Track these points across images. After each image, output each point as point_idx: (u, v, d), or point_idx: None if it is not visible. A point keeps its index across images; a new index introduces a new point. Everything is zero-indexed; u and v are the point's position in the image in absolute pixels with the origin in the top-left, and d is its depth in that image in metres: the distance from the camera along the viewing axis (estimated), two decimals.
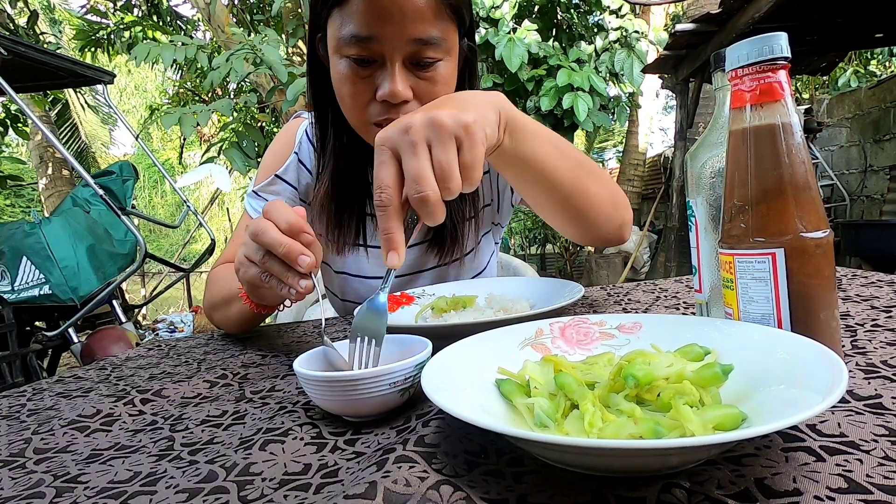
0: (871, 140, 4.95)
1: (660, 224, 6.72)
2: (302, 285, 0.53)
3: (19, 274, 2.75)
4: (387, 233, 0.44)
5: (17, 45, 2.63)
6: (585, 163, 0.70)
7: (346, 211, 0.87)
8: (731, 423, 0.31)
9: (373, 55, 0.69)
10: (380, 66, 0.70)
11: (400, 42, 0.68)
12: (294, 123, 0.97)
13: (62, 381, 0.68)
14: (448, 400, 0.33)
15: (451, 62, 0.74)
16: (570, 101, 4.07)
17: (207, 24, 4.76)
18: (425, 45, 0.69)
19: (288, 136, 0.95)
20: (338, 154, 0.85)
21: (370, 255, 0.95)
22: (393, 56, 0.69)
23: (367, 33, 0.67)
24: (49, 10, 8.57)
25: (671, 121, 7.34)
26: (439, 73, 0.72)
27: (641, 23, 4.86)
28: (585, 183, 0.68)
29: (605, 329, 0.49)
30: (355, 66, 0.71)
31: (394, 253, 0.43)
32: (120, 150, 11.92)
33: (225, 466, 0.37)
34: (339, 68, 0.72)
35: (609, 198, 0.73)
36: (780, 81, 0.41)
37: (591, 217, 0.71)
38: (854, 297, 0.70)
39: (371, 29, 0.67)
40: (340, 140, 0.84)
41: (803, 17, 3.39)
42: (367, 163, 0.89)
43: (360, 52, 0.69)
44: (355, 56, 0.70)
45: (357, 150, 0.85)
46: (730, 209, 0.44)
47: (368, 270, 0.95)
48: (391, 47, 0.68)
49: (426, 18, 0.68)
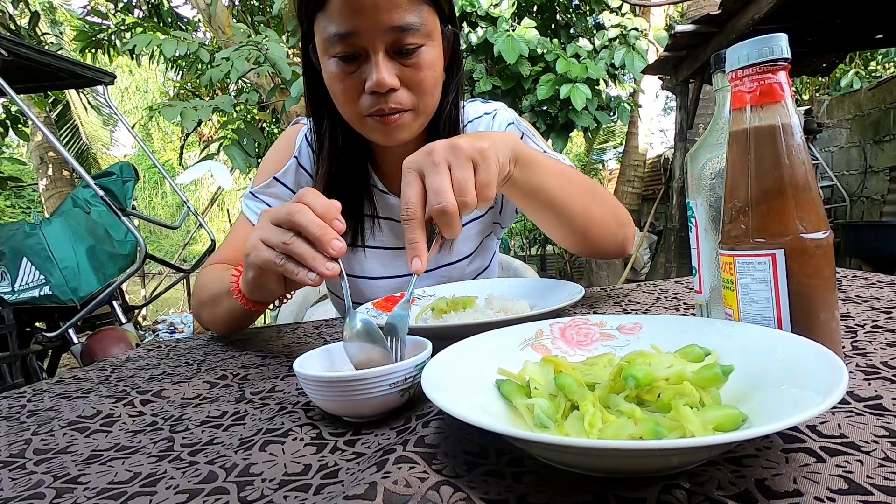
0: (871, 141, 4.95)
1: (660, 225, 6.72)
2: (329, 267, 0.54)
3: (19, 275, 2.75)
4: (412, 242, 0.50)
5: (18, 45, 2.63)
6: (591, 188, 0.76)
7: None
8: (732, 424, 0.31)
9: (356, 50, 0.72)
10: (364, 59, 0.73)
11: (378, 32, 0.71)
12: (294, 129, 0.98)
13: (62, 382, 0.68)
14: (448, 400, 0.33)
15: (435, 47, 0.76)
16: (568, 92, 4.05)
17: (208, 24, 4.76)
18: (404, 32, 0.72)
19: (288, 140, 0.97)
20: (333, 156, 0.87)
21: (368, 255, 0.96)
22: (375, 47, 0.72)
23: (347, 29, 0.71)
24: (50, 10, 8.58)
25: (671, 122, 7.35)
26: (423, 59, 0.75)
27: (641, 21, 4.86)
28: (590, 207, 0.74)
29: (605, 330, 0.49)
30: (342, 63, 0.74)
31: (417, 259, 0.49)
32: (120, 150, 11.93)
33: (225, 467, 0.37)
34: (329, 68, 0.76)
35: (613, 218, 0.78)
36: (781, 82, 0.41)
37: (597, 238, 0.77)
38: (854, 298, 0.70)
39: (350, 24, 0.70)
40: (336, 143, 0.86)
41: (803, 17, 3.39)
42: (363, 164, 0.90)
43: (345, 48, 0.72)
44: (340, 53, 0.73)
45: (352, 151, 0.87)
46: (730, 210, 0.44)
47: (368, 270, 0.96)
48: (371, 38, 0.71)
49: (401, 5, 0.71)
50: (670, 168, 6.07)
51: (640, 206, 7.06)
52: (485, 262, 1.02)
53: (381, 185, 0.93)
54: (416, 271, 0.49)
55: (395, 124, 0.77)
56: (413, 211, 0.50)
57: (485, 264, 1.02)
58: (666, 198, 6.38)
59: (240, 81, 4.59)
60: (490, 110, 0.95)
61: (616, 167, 9.39)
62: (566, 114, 4.33)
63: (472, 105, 0.97)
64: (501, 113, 0.95)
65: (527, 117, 4.49)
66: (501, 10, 4.44)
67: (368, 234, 0.94)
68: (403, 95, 0.75)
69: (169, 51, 3.56)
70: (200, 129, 8.45)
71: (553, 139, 4.55)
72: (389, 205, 0.94)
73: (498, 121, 0.94)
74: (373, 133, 0.79)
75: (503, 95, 4.46)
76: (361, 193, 0.91)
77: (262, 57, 3.17)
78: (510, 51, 4.07)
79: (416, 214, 0.50)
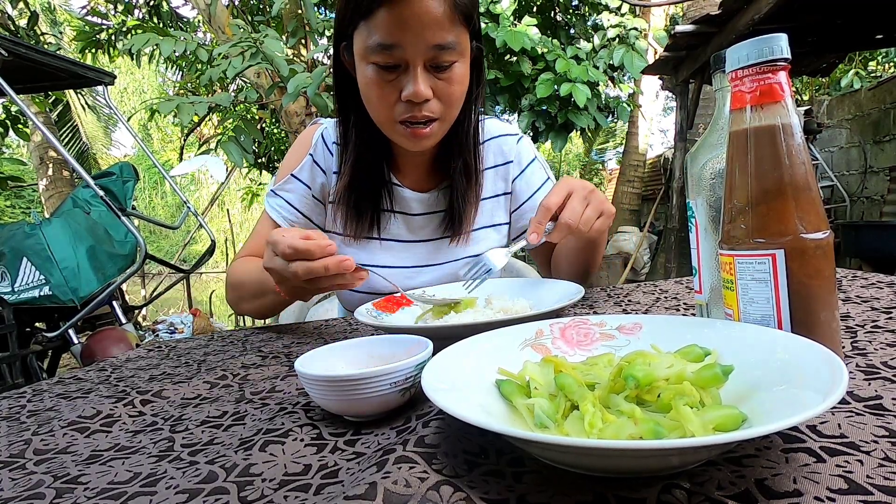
0: (871, 141, 4.95)
1: (660, 225, 6.72)
2: (362, 276, 0.68)
3: (19, 275, 2.75)
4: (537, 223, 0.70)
5: (18, 45, 2.63)
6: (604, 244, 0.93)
7: (363, 202, 0.95)
8: (732, 424, 0.31)
9: (397, 61, 0.77)
10: (403, 70, 0.78)
11: (421, 48, 0.76)
12: (312, 128, 1.04)
13: (62, 383, 0.68)
14: (448, 400, 0.33)
15: (465, 63, 0.83)
16: (568, 90, 4.06)
17: (207, 25, 4.76)
18: (443, 50, 0.77)
19: (305, 139, 1.02)
20: (359, 149, 0.92)
21: (382, 246, 1.00)
22: (415, 61, 0.77)
23: (391, 41, 0.75)
24: (49, 11, 8.57)
25: (671, 122, 7.34)
26: (455, 74, 0.80)
27: (641, 21, 4.86)
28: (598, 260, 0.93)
29: (605, 330, 0.49)
30: (381, 71, 0.78)
31: (535, 234, 0.70)
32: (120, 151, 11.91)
33: (225, 467, 0.37)
34: (367, 73, 0.80)
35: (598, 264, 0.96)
36: (781, 82, 0.41)
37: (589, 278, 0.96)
38: (854, 298, 0.70)
39: (395, 38, 0.75)
40: (362, 137, 0.91)
41: (803, 17, 3.38)
42: (384, 160, 0.96)
43: (386, 59, 0.77)
44: (381, 62, 0.78)
45: (376, 147, 0.92)
46: (730, 210, 0.44)
47: (379, 260, 1.00)
48: (413, 53, 0.76)
49: (443, 26, 0.76)
50: (670, 168, 6.07)
51: (640, 206, 7.06)
52: None
53: (396, 179, 0.98)
54: (531, 242, 0.71)
55: (424, 136, 0.83)
56: (552, 204, 0.70)
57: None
58: (666, 198, 6.38)
59: (239, 80, 4.58)
60: (513, 132, 1.04)
61: (616, 167, 9.39)
62: (565, 113, 4.33)
63: (491, 121, 1.03)
64: (525, 142, 1.04)
65: (526, 115, 4.50)
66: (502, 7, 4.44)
67: (383, 227, 0.99)
68: (434, 105, 0.81)
69: (167, 50, 3.55)
70: (200, 128, 8.43)
71: (552, 139, 4.55)
72: (403, 197, 0.98)
73: (523, 148, 1.03)
74: (401, 138, 0.85)
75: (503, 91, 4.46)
76: (380, 188, 0.96)
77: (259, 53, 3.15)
78: (514, 41, 4.07)
79: (549, 212, 0.70)
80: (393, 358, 0.50)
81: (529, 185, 1.01)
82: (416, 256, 0.99)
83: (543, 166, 1.04)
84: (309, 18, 3.64)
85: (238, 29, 3.40)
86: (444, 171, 0.97)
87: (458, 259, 1.00)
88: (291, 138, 4.29)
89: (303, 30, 3.87)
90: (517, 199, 1.02)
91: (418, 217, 0.99)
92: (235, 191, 12.16)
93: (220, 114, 4.62)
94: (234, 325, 6.21)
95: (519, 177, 1.01)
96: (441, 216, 0.98)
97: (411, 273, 0.99)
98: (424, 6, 0.74)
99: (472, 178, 0.95)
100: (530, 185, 1.01)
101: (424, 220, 0.99)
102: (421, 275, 0.99)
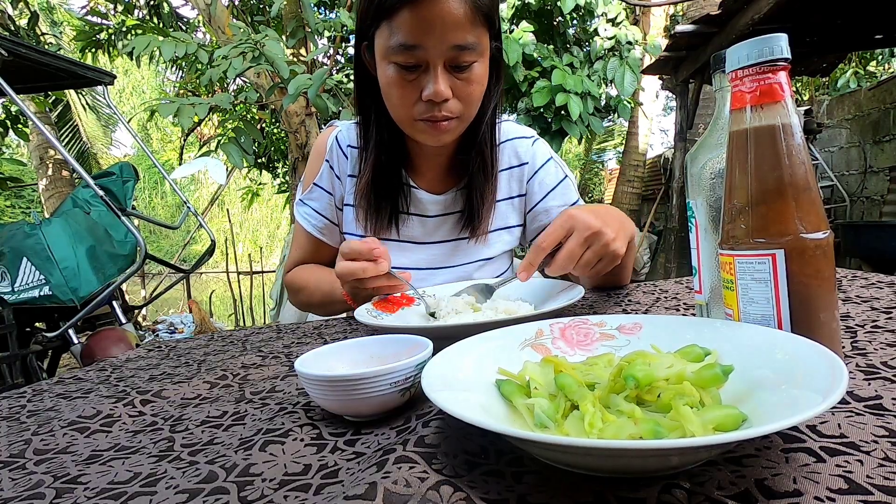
0: (870, 141, 4.95)
1: (660, 225, 6.72)
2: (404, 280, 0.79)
3: (19, 275, 2.75)
4: (529, 262, 0.65)
5: (18, 45, 2.63)
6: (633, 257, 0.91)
7: (382, 202, 0.96)
8: (732, 424, 0.31)
9: (418, 61, 0.78)
10: (424, 70, 0.79)
11: (442, 49, 0.77)
12: (325, 133, 1.05)
13: (62, 383, 0.68)
14: (448, 400, 0.33)
15: (484, 63, 0.83)
16: (563, 100, 4.08)
17: (207, 25, 4.76)
18: (463, 51, 0.78)
19: (320, 145, 1.04)
20: (379, 147, 0.93)
21: (399, 247, 1.01)
22: (436, 61, 0.78)
23: (413, 42, 0.76)
24: (49, 11, 8.57)
25: (671, 122, 7.34)
26: (475, 74, 0.81)
27: (636, 30, 4.85)
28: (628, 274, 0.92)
29: (605, 330, 0.49)
30: (402, 70, 0.79)
31: (525, 273, 0.66)
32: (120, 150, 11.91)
33: (225, 467, 0.37)
34: (388, 73, 0.81)
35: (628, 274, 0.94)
36: (781, 82, 0.41)
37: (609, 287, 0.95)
38: (854, 298, 0.70)
39: (416, 38, 0.76)
40: (382, 135, 0.92)
41: (803, 17, 3.39)
42: (403, 161, 0.97)
43: (407, 59, 0.78)
44: (402, 62, 0.79)
45: (396, 147, 0.94)
46: (730, 210, 0.44)
47: (396, 262, 1.00)
48: (434, 54, 0.77)
49: (464, 27, 0.76)
50: (670, 168, 6.07)
51: (639, 206, 7.05)
52: (503, 266, 1.07)
53: (412, 181, 0.98)
54: (521, 280, 0.67)
55: (444, 130, 0.84)
56: (546, 245, 0.64)
57: (502, 269, 1.07)
58: (666, 198, 6.38)
59: (239, 81, 4.58)
60: (529, 135, 1.04)
61: (616, 167, 9.39)
62: (559, 121, 4.36)
63: (508, 124, 1.04)
64: (540, 144, 1.04)
65: (522, 119, 4.51)
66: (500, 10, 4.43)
67: (400, 228, 1.00)
68: (453, 104, 0.82)
69: (167, 53, 3.55)
70: (200, 129, 8.43)
71: (547, 141, 4.56)
72: (419, 199, 0.99)
73: (538, 150, 1.02)
74: (421, 135, 0.86)
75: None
76: (398, 190, 0.97)
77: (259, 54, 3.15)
78: (509, 51, 4.08)
79: (546, 248, 0.64)
80: (393, 358, 0.50)
81: (543, 186, 1.00)
82: (430, 258, 1.00)
83: (560, 166, 1.03)
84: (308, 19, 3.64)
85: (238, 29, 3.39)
86: (459, 172, 0.97)
87: (471, 261, 1.00)
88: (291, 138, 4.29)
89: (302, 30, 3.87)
90: (531, 200, 1.02)
91: (433, 219, 0.99)
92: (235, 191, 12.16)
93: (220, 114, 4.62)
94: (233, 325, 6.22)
95: (533, 178, 1.01)
96: (456, 217, 0.99)
97: (425, 275, 0.99)
98: (446, 7, 0.74)
99: (490, 176, 0.96)
100: (544, 186, 1.00)
101: (439, 221, 0.99)
102: (435, 276, 1.00)
